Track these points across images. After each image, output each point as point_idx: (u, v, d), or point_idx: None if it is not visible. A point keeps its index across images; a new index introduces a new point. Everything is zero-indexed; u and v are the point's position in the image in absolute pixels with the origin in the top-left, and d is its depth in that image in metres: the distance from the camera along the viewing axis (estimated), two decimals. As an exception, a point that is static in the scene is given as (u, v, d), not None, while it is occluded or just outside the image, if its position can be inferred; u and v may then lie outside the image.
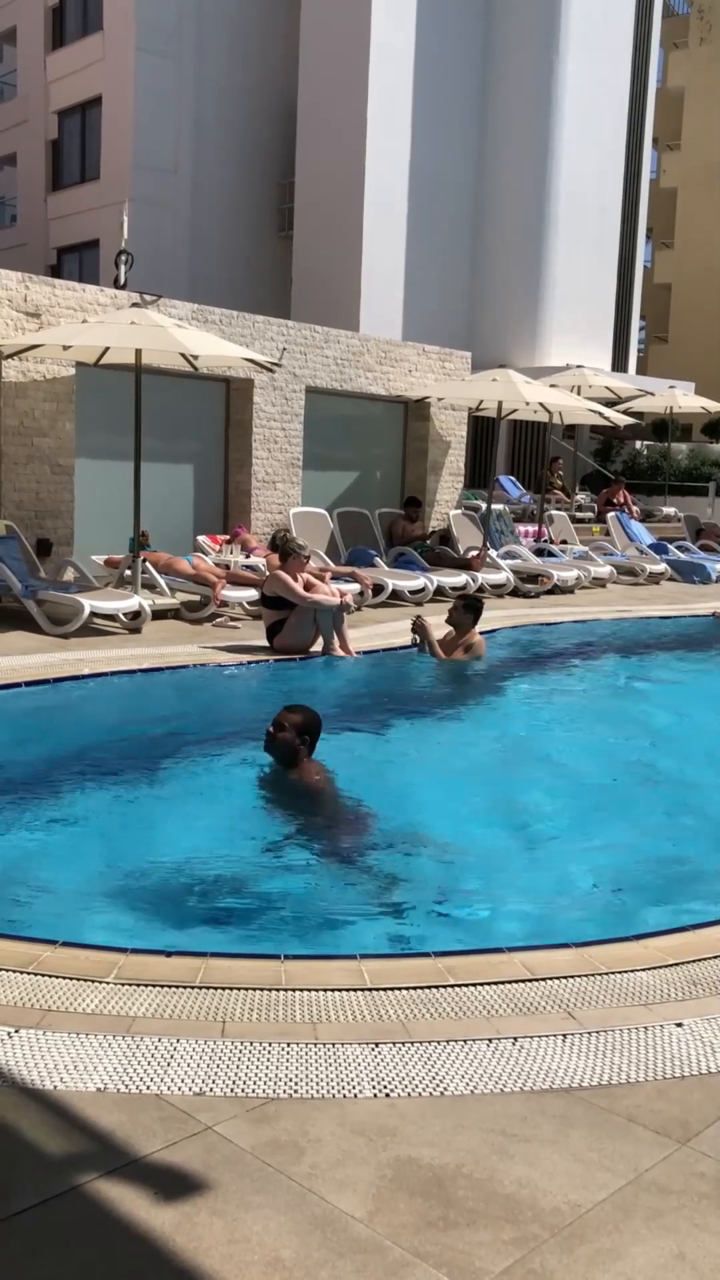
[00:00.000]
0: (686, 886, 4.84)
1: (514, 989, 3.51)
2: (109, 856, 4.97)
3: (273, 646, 9.52)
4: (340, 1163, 2.64)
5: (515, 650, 10.68)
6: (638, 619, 12.67)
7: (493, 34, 26.24)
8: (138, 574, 10.73)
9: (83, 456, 12.03)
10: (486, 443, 21.32)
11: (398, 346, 15.87)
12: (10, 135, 30.93)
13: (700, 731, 7.94)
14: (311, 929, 4.29)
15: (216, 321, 13.19)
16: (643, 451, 26.21)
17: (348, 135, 24.69)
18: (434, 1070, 3.03)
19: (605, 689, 9.50)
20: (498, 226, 26.66)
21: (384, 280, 25.12)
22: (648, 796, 6.32)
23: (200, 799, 5.95)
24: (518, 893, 4.75)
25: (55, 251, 28.98)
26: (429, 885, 4.85)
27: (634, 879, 4.94)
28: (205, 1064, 3.01)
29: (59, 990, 3.37)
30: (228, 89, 26.67)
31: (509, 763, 6.93)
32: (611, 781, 6.60)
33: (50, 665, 8.38)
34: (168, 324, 10.43)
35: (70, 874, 4.73)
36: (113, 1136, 2.68)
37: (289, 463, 14.28)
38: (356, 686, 8.96)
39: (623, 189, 28.61)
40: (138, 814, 5.60)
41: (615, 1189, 2.59)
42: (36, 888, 4.54)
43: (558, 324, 26.95)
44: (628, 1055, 3.15)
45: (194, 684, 8.57)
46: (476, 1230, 2.43)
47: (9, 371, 11.19)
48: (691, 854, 5.35)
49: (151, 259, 22.43)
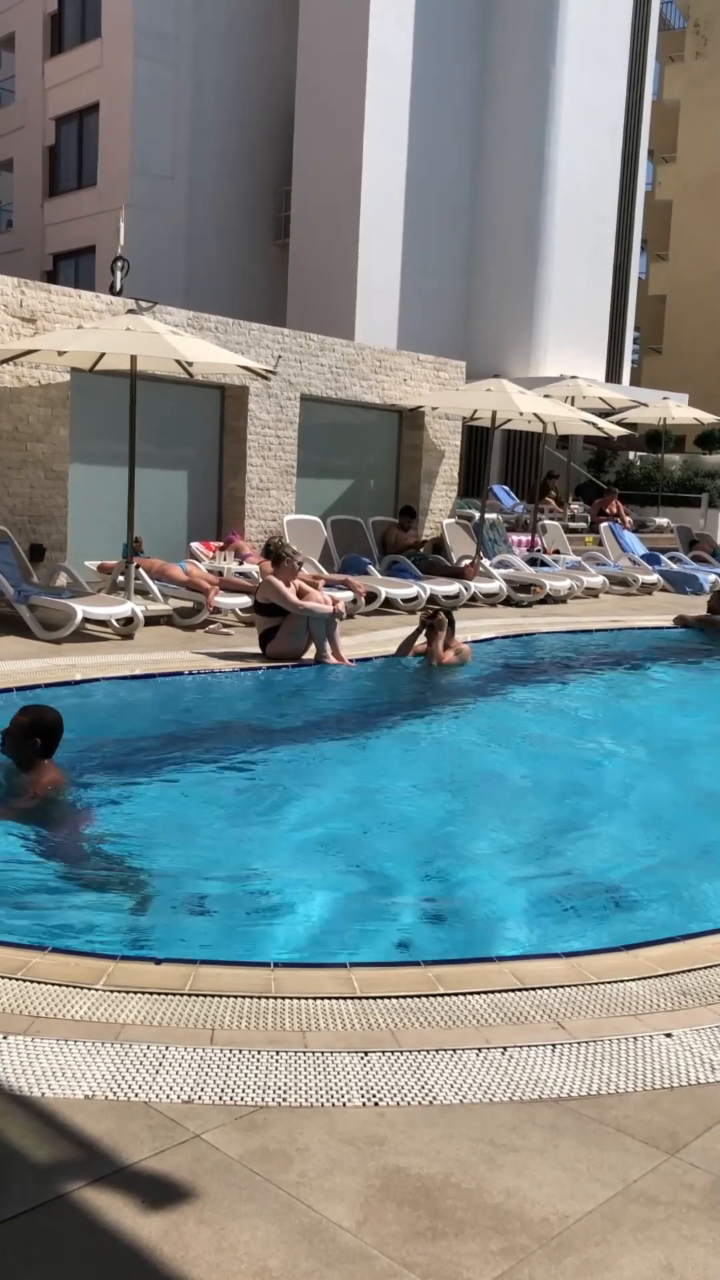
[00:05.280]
0: (677, 897, 4.84)
1: (504, 998, 3.51)
2: (98, 862, 4.96)
3: (265, 653, 9.51)
4: (329, 1172, 2.63)
5: (507, 659, 10.69)
6: (630, 629, 12.69)
7: (490, 45, 26.34)
8: (131, 580, 10.72)
9: (77, 462, 12.02)
10: (480, 452, 21.35)
11: (393, 355, 15.90)
12: (7, 141, 30.96)
13: (691, 741, 7.96)
14: (301, 937, 4.28)
15: (212, 328, 13.21)
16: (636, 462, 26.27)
17: (344, 144, 24.76)
18: (423, 1079, 3.03)
19: (596, 698, 9.52)
20: (493, 236, 26.74)
21: (379, 289, 25.17)
22: (639, 805, 6.33)
23: (190, 805, 5.94)
24: (508, 902, 4.75)
25: (51, 257, 29.00)
26: (419, 894, 4.85)
27: (625, 889, 4.94)
28: (194, 1072, 3.00)
29: (48, 996, 3.36)
30: (225, 96, 26.74)
31: (500, 771, 6.94)
32: (602, 790, 6.61)
33: (42, 670, 8.37)
34: (163, 330, 10.44)
35: (59, 880, 4.72)
36: (100, 1144, 2.67)
37: (283, 470, 14.29)
38: (348, 694, 8.96)
39: (618, 200, 28.72)
40: (126, 820, 5.59)
41: (604, 1199, 2.59)
42: (25, 894, 4.53)
43: (552, 334, 27.03)
44: (617, 1065, 3.15)
45: (185, 690, 8.56)
46: (465, 1240, 2.42)
47: (4, 377, 11.19)
48: (681, 864, 5.35)
49: (148, 265, 22.47)
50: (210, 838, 5.41)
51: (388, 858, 5.24)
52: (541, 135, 26.38)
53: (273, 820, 5.80)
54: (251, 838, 5.50)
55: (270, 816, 5.85)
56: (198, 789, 6.19)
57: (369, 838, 5.52)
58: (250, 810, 5.94)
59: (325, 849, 5.35)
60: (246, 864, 5.07)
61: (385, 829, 5.67)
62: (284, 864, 5.09)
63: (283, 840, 5.49)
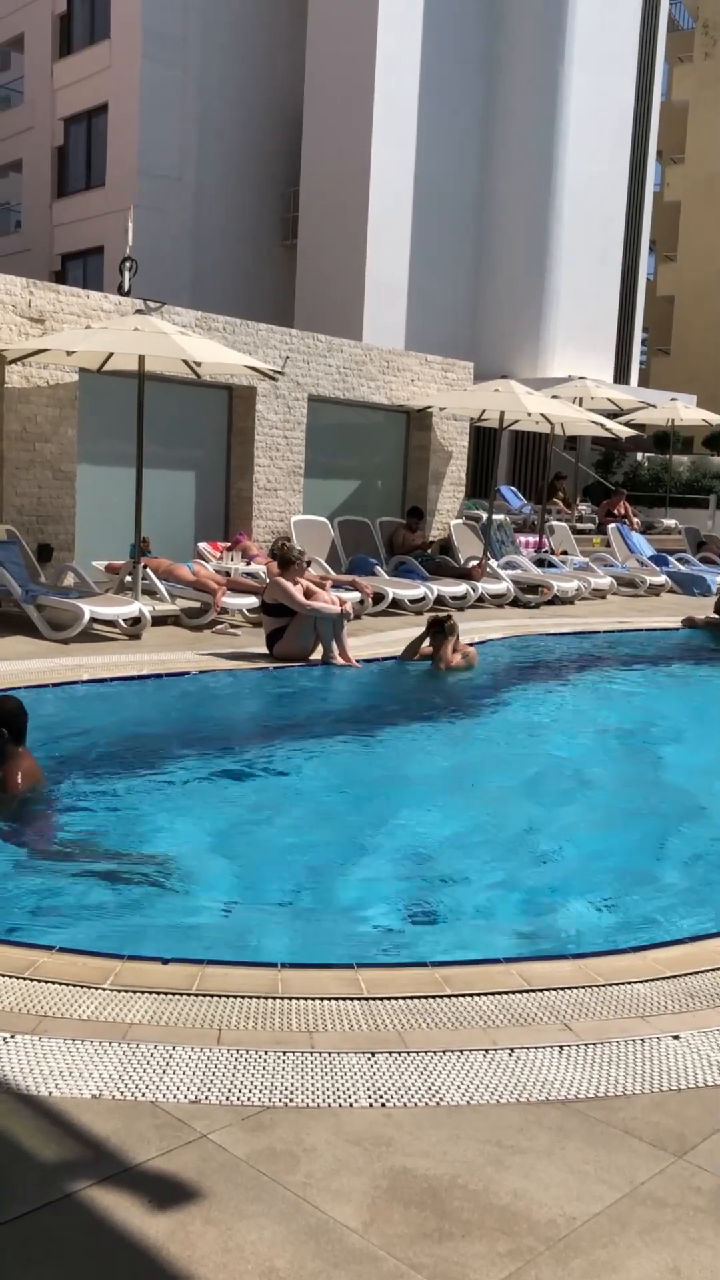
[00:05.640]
0: (685, 899, 4.83)
1: (511, 1000, 3.51)
2: (104, 862, 4.96)
3: (272, 654, 9.51)
4: (335, 1172, 2.63)
5: (514, 660, 10.68)
6: (637, 630, 12.67)
7: (497, 45, 26.33)
8: (138, 580, 10.73)
9: (85, 462, 12.04)
10: (488, 453, 21.34)
11: (400, 356, 15.90)
12: (16, 142, 31.02)
13: (700, 742, 7.95)
14: (308, 937, 4.28)
15: (220, 329, 13.22)
16: (644, 463, 26.24)
17: (352, 144, 24.77)
18: (430, 1080, 3.03)
19: (603, 700, 9.51)
20: (501, 237, 26.73)
21: (387, 289, 25.18)
22: (646, 808, 6.32)
23: (196, 805, 5.94)
24: (516, 904, 4.75)
25: (60, 258, 29.04)
26: (426, 895, 4.85)
27: (632, 891, 4.93)
28: (201, 1071, 3.00)
29: (55, 996, 3.36)
30: (233, 97, 26.77)
31: (507, 773, 6.93)
32: (609, 792, 6.60)
33: (49, 670, 8.38)
34: (171, 331, 10.45)
35: (67, 880, 4.72)
36: (107, 1143, 2.68)
37: (291, 470, 14.30)
38: (356, 695, 8.96)
39: (626, 201, 28.69)
40: (133, 819, 5.59)
41: (611, 1201, 2.58)
42: (33, 893, 4.53)
43: (560, 335, 27.01)
44: (624, 1067, 3.14)
45: (192, 691, 8.57)
46: (471, 1242, 2.42)
47: (12, 377, 11.21)
48: (690, 866, 5.34)
49: (155, 266, 22.49)
50: (217, 838, 5.41)
51: (395, 858, 5.23)
52: (549, 136, 26.37)
53: (279, 821, 5.80)
54: (258, 838, 5.50)
55: (277, 817, 5.85)
56: (204, 789, 6.19)
57: (376, 838, 5.52)
58: (257, 811, 5.95)
59: (332, 850, 5.35)
60: (253, 864, 5.07)
61: (392, 830, 5.66)
62: (291, 864, 5.09)
63: (289, 841, 5.50)
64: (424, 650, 9.63)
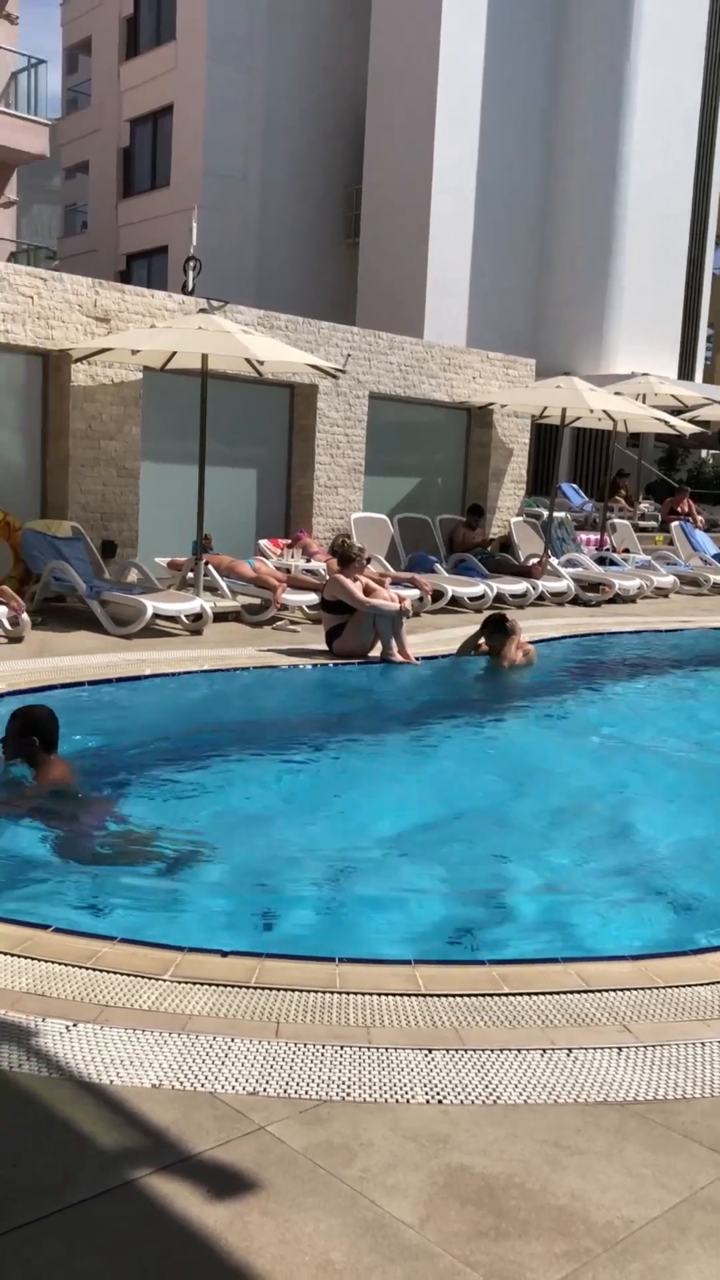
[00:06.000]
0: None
1: (569, 1000, 3.49)
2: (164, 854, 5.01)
3: (332, 650, 9.54)
4: (392, 1167, 2.63)
5: (575, 659, 10.60)
6: (701, 629, 12.51)
7: (563, 43, 26.13)
8: (200, 576, 10.82)
9: (148, 460, 12.16)
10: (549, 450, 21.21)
11: (462, 353, 15.84)
12: (83, 143, 31.43)
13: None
14: (366, 933, 4.29)
15: (282, 327, 13.27)
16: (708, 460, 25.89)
17: (415, 143, 24.74)
18: (487, 1078, 3.02)
19: (667, 698, 9.40)
20: (564, 234, 26.54)
21: (449, 287, 25.11)
22: (710, 808, 6.24)
23: (257, 800, 5.98)
24: (574, 903, 4.71)
25: (125, 258, 29.38)
26: (484, 893, 4.83)
27: (695, 892, 4.87)
28: (259, 1064, 3.02)
29: (116, 986, 3.41)
30: (297, 97, 26.86)
31: (569, 771, 6.88)
32: (673, 794, 6.52)
33: (112, 665, 8.48)
34: (234, 329, 10.52)
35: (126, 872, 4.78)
36: (167, 1133, 2.71)
37: (351, 468, 14.32)
38: (415, 692, 8.95)
39: (692, 197, 28.33)
40: (193, 812, 5.64)
41: (670, 1205, 2.56)
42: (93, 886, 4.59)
43: (624, 332, 26.75)
44: (684, 1070, 3.11)
45: (253, 686, 8.62)
46: (528, 1241, 2.41)
47: (78, 375, 11.36)
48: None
49: (219, 265, 22.66)
50: (277, 833, 5.44)
51: (454, 856, 5.22)
52: (614, 133, 26.12)
53: (340, 817, 5.82)
54: (319, 834, 5.52)
55: (337, 813, 5.87)
56: (264, 783, 6.23)
57: (436, 835, 5.51)
58: (318, 806, 5.97)
59: (392, 846, 5.35)
60: (314, 859, 5.09)
61: (452, 827, 5.65)
62: (351, 860, 5.10)
63: (350, 837, 5.51)
64: (480, 647, 9.60)
